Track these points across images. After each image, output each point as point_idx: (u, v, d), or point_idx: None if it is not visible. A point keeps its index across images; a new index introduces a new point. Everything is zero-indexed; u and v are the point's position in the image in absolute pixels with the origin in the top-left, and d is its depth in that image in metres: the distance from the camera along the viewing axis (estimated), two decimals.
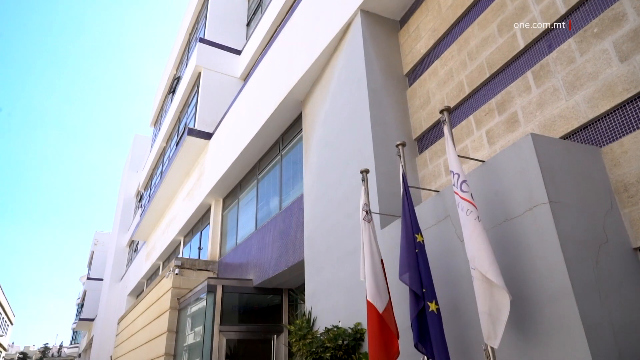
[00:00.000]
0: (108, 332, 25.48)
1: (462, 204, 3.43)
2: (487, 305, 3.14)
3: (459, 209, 3.48)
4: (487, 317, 3.12)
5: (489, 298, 3.15)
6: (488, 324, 3.11)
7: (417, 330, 3.64)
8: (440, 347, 3.44)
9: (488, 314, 3.13)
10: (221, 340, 9.01)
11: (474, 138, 5.34)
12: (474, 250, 3.22)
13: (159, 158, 21.49)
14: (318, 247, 7.03)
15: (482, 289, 3.17)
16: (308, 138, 8.24)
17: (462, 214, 3.43)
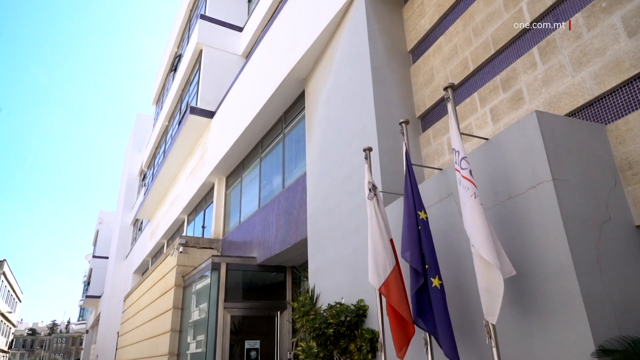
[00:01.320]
0: (114, 309, 25.92)
1: (461, 179, 3.42)
2: (486, 282, 3.17)
3: (460, 186, 3.47)
4: (486, 294, 3.15)
5: (486, 275, 3.18)
6: (487, 300, 3.14)
7: (415, 306, 3.69)
8: (443, 322, 3.48)
9: (486, 290, 3.15)
10: (226, 317, 9.16)
11: (477, 116, 5.30)
12: (471, 228, 3.24)
13: (162, 137, 21.46)
14: (321, 225, 7.07)
15: (481, 266, 3.20)
16: (311, 116, 8.20)
17: (462, 191, 3.43)
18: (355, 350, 5.29)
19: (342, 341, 5.36)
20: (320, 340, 5.34)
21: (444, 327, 3.46)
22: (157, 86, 25.19)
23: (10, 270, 44.63)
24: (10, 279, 46.12)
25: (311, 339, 5.47)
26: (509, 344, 3.42)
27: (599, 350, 2.80)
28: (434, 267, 3.64)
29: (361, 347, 5.24)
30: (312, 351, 5.35)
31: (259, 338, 9.28)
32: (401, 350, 4.01)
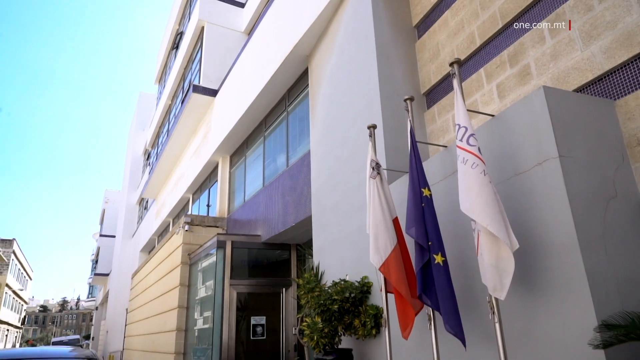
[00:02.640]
0: (123, 286, 26.34)
1: (467, 156, 3.37)
2: (494, 259, 3.17)
3: (459, 162, 3.43)
4: (494, 270, 3.15)
5: (495, 251, 3.17)
6: (494, 276, 3.15)
7: (421, 282, 3.71)
8: (447, 298, 3.49)
9: (495, 266, 3.15)
10: (232, 294, 9.28)
11: (484, 92, 5.23)
12: (480, 204, 3.20)
13: (165, 116, 21.39)
14: (325, 204, 7.08)
15: (489, 241, 3.19)
16: (314, 94, 8.12)
17: (462, 166, 3.38)
18: (360, 325, 5.37)
19: (346, 317, 5.43)
20: (325, 316, 5.41)
21: (448, 303, 3.48)
22: (159, 65, 24.98)
23: (19, 249, 45.29)
24: (20, 257, 46.85)
25: (316, 315, 5.54)
26: (512, 319, 3.45)
27: (602, 325, 2.82)
28: (437, 244, 3.65)
29: (365, 323, 5.31)
30: (317, 327, 5.43)
31: (264, 314, 9.42)
32: (405, 330, 4.05)
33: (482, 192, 3.22)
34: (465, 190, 3.35)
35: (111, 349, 26.67)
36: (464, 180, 3.37)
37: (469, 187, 3.31)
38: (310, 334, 5.47)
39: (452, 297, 3.51)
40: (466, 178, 3.35)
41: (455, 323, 3.44)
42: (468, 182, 3.33)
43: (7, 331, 47.63)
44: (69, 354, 4.36)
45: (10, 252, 41.58)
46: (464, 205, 3.33)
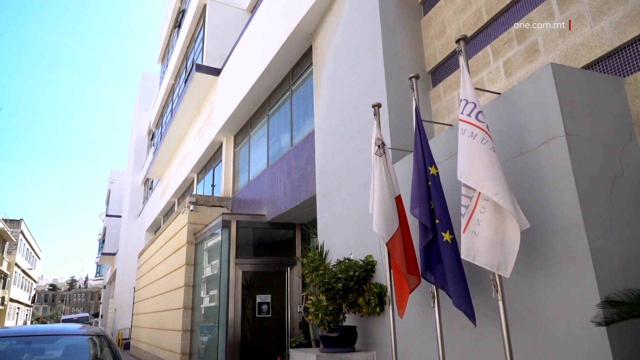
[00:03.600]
0: (130, 265, 26.69)
1: (475, 131, 3.31)
2: (500, 236, 3.16)
3: (463, 134, 3.38)
4: (499, 248, 3.15)
5: (502, 228, 3.17)
6: (498, 254, 3.14)
7: (424, 261, 3.73)
8: (455, 275, 3.50)
9: (500, 244, 3.15)
10: (237, 272, 9.39)
11: (490, 70, 5.16)
12: (489, 178, 3.14)
13: (169, 96, 21.31)
14: (330, 183, 7.09)
15: (494, 218, 3.18)
16: (318, 72, 8.04)
17: (469, 140, 3.32)
18: (364, 303, 5.43)
19: (350, 295, 5.49)
20: (330, 294, 5.47)
21: (457, 280, 3.49)
22: (161, 44, 24.76)
23: (27, 229, 45.85)
24: (28, 237, 47.46)
25: (321, 293, 5.61)
26: (515, 297, 3.48)
27: (605, 302, 2.83)
28: (445, 222, 3.65)
29: (369, 301, 5.37)
30: (322, 304, 5.50)
31: (270, 292, 9.54)
32: (401, 308, 4.11)
33: (493, 167, 3.17)
34: (468, 161, 3.27)
35: (120, 326, 27.19)
36: (471, 154, 3.28)
37: (475, 160, 3.24)
38: (315, 311, 5.54)
39: (462, 274, 3.51)
40: (474, 152, 3.27)
41: (465, 300, 3.45)
42: (476, 156, 3.25)
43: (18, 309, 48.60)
44: (79, 331, 4.45)
45: (18, 232, 42.12)
46: (467, 175, 3.25)
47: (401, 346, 4.66)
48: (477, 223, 3.25)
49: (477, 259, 3.21)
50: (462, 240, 3.29)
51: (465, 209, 3.34)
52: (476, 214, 3.27)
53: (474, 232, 3.24)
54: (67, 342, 4.23)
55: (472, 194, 3.32)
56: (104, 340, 4.11)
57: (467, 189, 3.35)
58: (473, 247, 3.23)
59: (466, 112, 3.44)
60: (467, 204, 3.33)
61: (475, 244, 3.23)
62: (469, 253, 3.25)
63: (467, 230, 3.28)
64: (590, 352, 2.93)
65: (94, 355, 4.06)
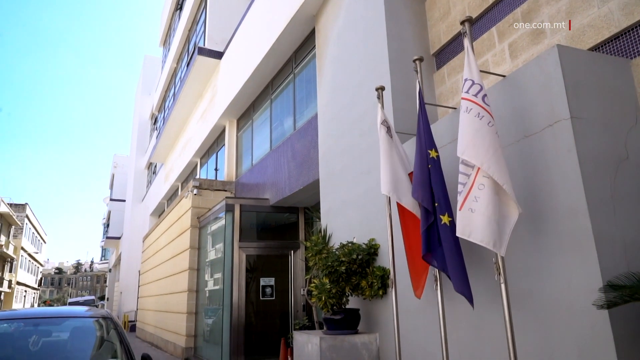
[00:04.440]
0: (134, 249, 26.92)
1: (482, 112, 3.29)
2: (498, 214, 3.16)
3: (467, 113, 3.34)
4: (495, 225, 3.14)
5: (499, 206, 3.18)
6: (495, 230, 3.13)
7: (425, 243, 3.74)
8: (454, 258, 3.51)
9: (496, 222, 3.15)
10: (241, 256, 9.46)
11: (495, 52, 5.09)
12: (492, 159, 3.14)
13: (171, 79, 21.20)
14: (333, 167, 7.08)
15: (493, 196, 3.17)
16: (321, 55, 7.97)
17: (475, 120, 3.29)
18: (367, 286, 5.47)
19: (353, 278, 5.53)
20: (333, 277, 5.51)
21: (455, 263, 3.50)
22: (163, 27, 24.54)
23: (32, 213, 46.17)
24: (34, 221, 47.83)
25: (324, 276, 5.65)
26: (517, 280, 3.49)
27: (607, 285, 2.84)
28: (443, 205, 3.65)
29: (372, 284, 5.41)
30: (325, 287, 5.54)
31: (273, 275, 9.62)
32: (417, 289, 4.13)
33: (497, 151, 3.18)
34: (473, 140, 3.24)
35: (125, 309, 27.56)
36: (476, 133, 3.25)
37: (480, 139, 3.22)
38: (318, 294, 5.59)
39: (460, 257, 3.53)
40: (479, 132, 3.25)
41: (463, 283, 3.47)
42: (481, 136, 3.23)
43: (25, 292, 49.27)
44: (85, 313, 4.51)
45: (23, 216, 42.44)
46: (470, 153, 3.22)
47: (404, 328, 4.71)
48: (475, 200, 3.22)
49: (473, 235, 3.19)
50: (458, 218, 3.27)
51: (463, 187, 3.31)
52: (474, 191, 3.24)
53: (470, 209, 3.22)
54: (74, 324, 4.29)
55: (470, 172, 3.29)
56: (110, 322, 4.17)
57: (465, 167, 3.32)
58: (469, 224, 3.21)
59: (472, 92, 3.41)
60: (465, 182, 3.30)
61: (471, 221, 3.20)
62: (465, 230, 3.22)
63: (464, 207, 3.26)
64: (591, 335, 2.95)
65: (101, 337, 4.12)
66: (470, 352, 3.98)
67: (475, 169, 3.26)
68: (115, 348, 3.82)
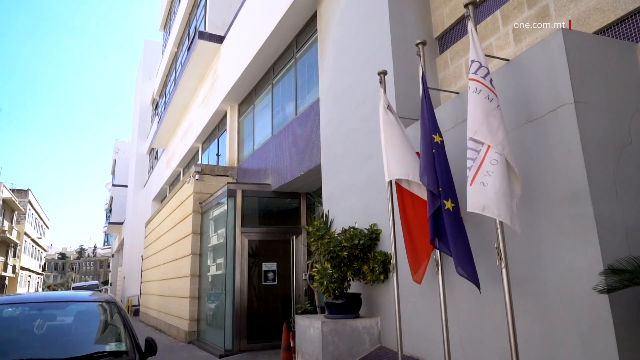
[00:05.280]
0: (137, 234, 27.06)
1: (492, 95, 3.28)
2: (509, 191, 3.15)
3: (477, 94, 3.32)
4: (510, 200, 3.12)
5: (511, 183, 3.19)
6: (510, 206, 3.10)
7: (432, 228, 3.74)
8: (458, 243, 3.52)
9: (511, 198, 3.13)
10: (243, 241, 9.50)
11: (499, 35, 5.04)
12: (503, 139, 3.16)
13: (172, 64, 21.06)
14: (335, 152, 7.06)
15: (506, 173, 3.16)
16: (323, 39, 7.89)
17: (486, 102, 3.27)
18: (368, 271, 5.50)
19: (355, 263, 5.56)
20: (335, 262, 5.54)
21: (460, 248, 3.51)
22: (163, 10, 24.28)
23: (35, 199, 46.35)
24: (36, 206, 48.03)
25: (326, 261, 5.68)
26: (518, 265, 3.50)
27: (608, 269, 2.85)
28: (447, 190, 3.65)
29: (374, 269, 5.44)
30: (327, 272, 5.58)
31: (275, 261, 9.68)
32: (415, 273, 4.14)
33: (507, 133, 3.21)
34: (487, 119, 3.22)
35: (129, 294, 27.83)
36: (489, 114, 3.23)
37: (493, 119, 3.22)
38: (320, 279, 5.63)
39: (465, 241, 3.54)
40: (491, 114, 3.24)
41: (469, 267, 3.48)
42: (493, 118, 3.23)
43: (30, 277, 49.73)
44: (89, 298, 4.55)
45: (26, 201, 42.61)
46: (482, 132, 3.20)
47: (405, 313, 4.75)
48: (487, 174, 3.12)
49: (488, 210, 3.08)
50: (469, 193, 3.18)
51: (473, 162, 3.22)
52: (485, 165, 3.15)
53: (482, 183, 3.12)
54: (78, 309, 4.34)
55: (479, 147, 3.23)
56: (114, 306, 4.21)
57: (474, 143, 3.26)
58: (482, 199, 3.10)
59: (480, 74, 3.37)
60: (474, 157, 3.23)
61: (484, 195, 3.10)
62: (477, 204, 3.12)
63: (475, 182, 3.16)
64: (591, 319, 2.97)
65: (105, 321, 4.16)
66: (471, 336, 4.02)
67: (485, 145, 3.20)
68: (119, 332, 3.87)
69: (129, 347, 3.61)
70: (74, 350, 3.54)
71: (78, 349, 3.60)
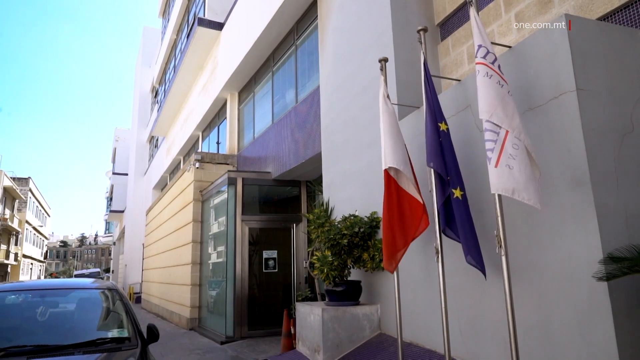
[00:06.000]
0: (138, 222, 27.14)
1: (502, 82, 3.25)
2: (532, 170, 3.13)
3: (487, 77, 3.28)
4: (535, 183, 3.07)
5: (531, 164, 3.15)
6: (537, 189, 3.06)
7: (443, 217, 3.73)
8: (467, 231, 3.55)
9: (534, 180, 3.09)
10: (244, 229, 9.53)
11: (501, 22, 4.99)
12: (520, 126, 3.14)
13: (171, 51, 20.91)
14: (335, 140, 7.04)
15: (528, 156, 3.14)
16: (324, 26, 7.82)
17: (497, 87, 3.24)
18: (369, 259, 5.52)
19: (355, 251, 5.58)
20: (335, 250, 5.56)
21: (469, 236, 3.54)
22: None
23: (36, 187, 46.39)
24: (37, 195, 48.10)
25: (326, 249, 5.70)
26: (518, 253, 3.51)
27: (607, 257, 2.85)
28: (456, 178, 3.65)
29: (374, 256, 5.46)
30: (327, 260, 5.60)
31: (276, 248, 9.72)
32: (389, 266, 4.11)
33: (520, 118, 3.18)
34: (502, 104, 3.19)
35: (130, 281, 28.00)
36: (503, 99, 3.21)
37: (508, 104, 3.20)
38: (320, 267, 5.66)
39: (472, 230, 3.57)
40: (505, 99, 3.21)
41: (477, 255, 3.53)
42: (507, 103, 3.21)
43: (32, 265, 50.00)
44: (91, 285, 4.58)
45: (27, 190, 42.65)
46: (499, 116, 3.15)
47: (405, 300, 4.78)
48: (511, 157, 3.07)
49: (518, 194, 3.03)
50: (495, 175, 3.08)
51: (494, 143, 3.15)
52: (508, 148, 3.10)
53: (508, 166, 3.06)
54: (81, 296, 4.36)
55: (498, 130, 3.17)
56: (116, 294, 4.24)
57: (492, 124, 3.19)
58: (511, 181, 3.04)
59: (489, 60, 3.34)
60: (494, 138, 3.16)
61: (513, 177, 3.04)
62: (506, 187, 3.04)
63: (500, 164, 3.08)
64: (590, 306, 2.98)
65: (107, 308, 4.19)
66: (470, 323, 4.05)
67: (503, 129, 3.16)
68: (121, 319, 3.90)
69: (131, 333, 3.64)
70: (76, 336, 3.57)
71: (81, 335, 3.62)
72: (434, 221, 3.89)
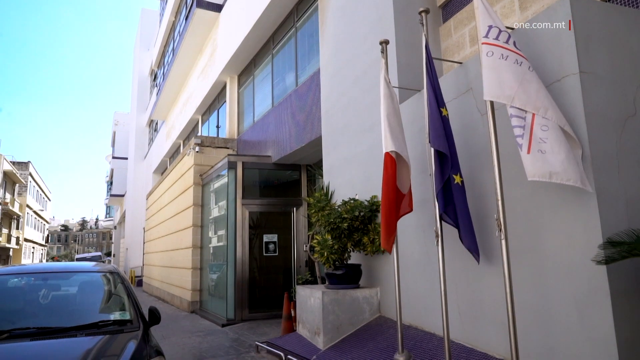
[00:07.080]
0: (139, 206, 27.20)
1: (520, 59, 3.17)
2: (572, 152, 3.01)
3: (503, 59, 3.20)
4: (575, 163, 2.97)
5: (568, 144, 3.02)
6: (576, 168, 2.95)
7: (442, 202, 3.74)
8: (464, 216, 3.61)
9: (575, 159, 2.99)
10: (244, 213, 9.55)
11: (504, 3, 4.92)
12: (546, 102, 3.03)
13: (170, 34, 20.68)
14: (335, 123, 7.01)
15: (561, 134, 3.01)
16: (324, 8, 7.71)
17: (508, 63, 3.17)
18: (369, 242, 5.54)
19: (355, 234, 5.60)
20: (335, 233, 5.58)
21: (466, 221, 3.61)
22: None
23: (36, 171, 46.39)
24: (37, 179, 48.13)
25: (326, 233, 5.72)
26: (518, 237, 3.52)
27: (607, 242, 2.86)
28: (455, 164, 3.66)
29: (374, 240, 5.48)
30: (327, 243, 5.62)
31: (276, 232, 9.75)
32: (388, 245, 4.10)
33: (547, 93, 3.08)
34: (518, 86, 3.09)
35: (131, 265, 28.19)
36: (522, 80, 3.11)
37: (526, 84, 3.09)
38: (320, 250, 5.68)
39: (469, 215, 3.65)
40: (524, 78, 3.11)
41: (472, 240, 3.61)
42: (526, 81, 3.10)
43: (33, 248, 50.30)
44: (93, 268, 4.60)
45: (27, 174, 42.65)
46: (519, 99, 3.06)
47: (404, 283, 4.81)
48: (542, 141, 3.00)
49: (556, 176, 2.94)
50: (529, 160, 3.00)
51: (523, 129, 3.07)
52: (537, 132, 3.02)
53: (540, 151, 2.99)
54: (82, 279, 4.40)
55: (523, 114, 3.09)
56: (117, 277, 4.27)
57: (517, 110, 3.11)
58: (546, 165, 2.96)
59: (502, 39, 3.26)
60: (522, 124, 3.08)
61: (547, 161, 2.96)
62: (542, 172, 2.96)
63: (532, 150, 3.01)
64: (588, 289, 3.00)
65: (108, 291, 4.22)
66: (469, 307, 4.08)
67: (529, 113, 3.08)
68: (122, 301, 3.93)
69: (133, 316, 3.67)
70: (78, 319, 3.60)
71: (83, 317, 3.66)
72: (433, 205, 3.89)
